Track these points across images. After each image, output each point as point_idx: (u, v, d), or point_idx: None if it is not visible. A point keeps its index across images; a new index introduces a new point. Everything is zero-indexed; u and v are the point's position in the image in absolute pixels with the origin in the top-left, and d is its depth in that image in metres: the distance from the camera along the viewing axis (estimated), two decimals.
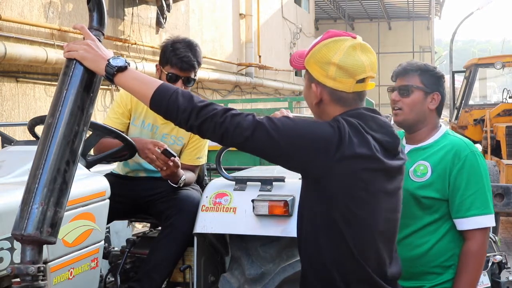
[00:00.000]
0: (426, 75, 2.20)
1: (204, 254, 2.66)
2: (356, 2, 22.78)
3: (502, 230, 7.43)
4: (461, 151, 2.11)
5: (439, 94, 2.20)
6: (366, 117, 1.68)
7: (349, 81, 1.68)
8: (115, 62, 1.69)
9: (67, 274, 2.12)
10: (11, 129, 5.69)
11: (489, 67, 10.03)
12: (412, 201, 2.12)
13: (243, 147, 1.64)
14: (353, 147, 1.59)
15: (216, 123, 1.61)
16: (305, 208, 1.73)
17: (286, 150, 1.60)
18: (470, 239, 2.08)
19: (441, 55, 37.29)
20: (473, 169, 2.10)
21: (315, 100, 1.74)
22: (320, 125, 1.63)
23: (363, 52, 1.71)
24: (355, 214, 1.63)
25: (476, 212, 2.08)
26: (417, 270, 2.14)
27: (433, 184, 2.12)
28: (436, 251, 2.13)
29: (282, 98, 9.68)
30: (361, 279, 1.67)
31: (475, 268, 2.07)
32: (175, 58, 2.77)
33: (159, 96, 1.66)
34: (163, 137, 2.92)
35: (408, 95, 2.19)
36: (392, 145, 1.70)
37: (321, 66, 1.70)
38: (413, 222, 2.14)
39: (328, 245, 1.66)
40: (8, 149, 2.51)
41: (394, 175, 1.71)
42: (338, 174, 1.60)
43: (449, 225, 2.14)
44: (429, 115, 2.21)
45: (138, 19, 8.91)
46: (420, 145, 2.21)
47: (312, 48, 1.74)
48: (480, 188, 2.09)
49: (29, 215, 1.53)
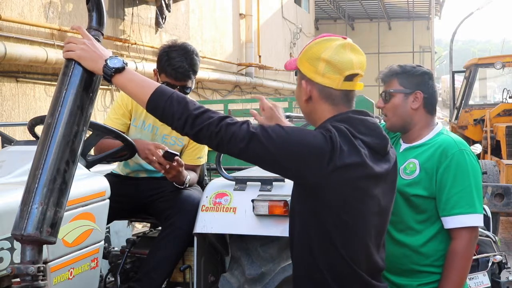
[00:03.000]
0: (404, 77, 2.22)
1: (204, 254, 2.66)
2: (356, 2, 22.77)
3: (502, 230, 7.43)
4: (449, 149, 2.12)
5: (421, 93, 2.20)
6: (354, 121, 1.71)
7: (337, 77, 1.71)
8: (113, 63, 1.69)
9: (67, 274, 2.12)
10: (11, 129, 5.69)
11: (489, 67, 10.03)
12: (402, 199, 2.14)
13: (238, 156, 1.66)
14: (344, 157, 1.61)
15: (211, 133, 1.62)
16: (295, 213, 1.76)
17: (280, 160, 1.62)
18: (456, 238, 2.08)
19: (441, 55, 37.28)
20: (460, 167, 2.09)
21: (304, 97, 1.78)
22: (313, 135, 1.65)
23: (352, 51, 1.75)
24: (347, 221, 1.66)
25: (460, 211, 2.07)
26: (408, 267, 2.15)
27: (420, 181, 2.13)
28: (427, 250, 2.13)
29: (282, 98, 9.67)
30: (353, 281, 1.70)
31: (461, 268, 2.05)
32: (169, 68, 2.73)
33: (155, 101, 1.66)
34: (164, 138, 2.92)
35: (389, 100, 2.23)
36: (381, 146, 1.73)
37: (311, 62, 1.74)
38: (403, 220, 2.15)
39: (319, 250, 1.69)
40: (8, 149, 2.51)
41: (384, 178, 1.74)
42: (331, 184, 1.62)
43: (439, 225, 2.13)
44: (415, 115, 2.22)
45: (138, 19, 8.90)
46: (413, 144, 2.23)
47: (304, 48, 1.81)
48: (467, 187, 2.08)
49: (29, 215, 1.53)
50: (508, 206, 5.70)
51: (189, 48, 2.82)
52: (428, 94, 2.22)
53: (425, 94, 2.21)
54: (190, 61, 2.76)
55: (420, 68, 2.26)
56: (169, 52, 2.77)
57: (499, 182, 6.78)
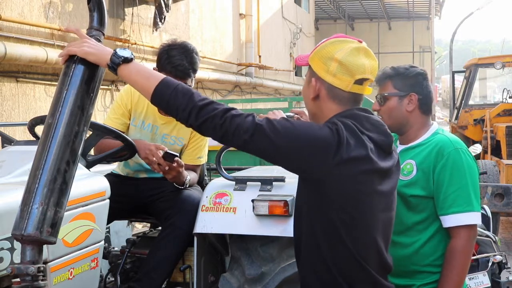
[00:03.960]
0: (397, 79, 2.22)
1: (204, 254, 2.66)
2: (356, 2, 22.78)
3: (502, 230, 7.43)
4: (444, 148, 2.12)
5: (415, 94, 2.20)
6: (360, 117, 1.71)
7: (348, 79, 1.71)
8: (122, 53, 1.69)
9: (67, 274, 2.12)
10: (11, 129, 5.69)
11: (489, 67, 10.05)
12: (400, 200, 2.13)
13: (243, 148, 1.64)
14: (351, 150, 1.60)
15: (216, 125, 1.61)
16: (302, 211, 1.74)
17: (286, 153, 1.61)
18: (454, 236, 2.08)
19: (441, 55, 37.29)
20: (456, 166, 2.10)
21: (312, 95, 1.77)
22: (319, 127, 1.64)
23: (366, 56, 1.75)
24: (353, 217, 1.65)
25: (458, 209, 2.08)
26: (408, 269, 2.15)
27: (418, 181, 2.14)
28: (426, 250, 2.14)
29: (282, 98, 9.66)
30: (363, 280, 1.68)
31: (460, 267, 2.06)
32: (169, 66, 2.72)
33: (160, 93, 1.66)
34: (163, 137, 2.92)
35: (384, 103, 2.23)
36: (387, 143, 1.73)
37: (323, 61, 1.73)
38: (402, 221, 2.15)
39: (328, 248, 1.67)
40: (8, 149, 2.51)
41: (389, 175, 1.73)
42: (336, 177, 1.61)
43: (438, 224, 2.14)
44: (411, 117, 2.22)
45: (138, 19, 8.90)
46: (410, 145, 2.24)
47: (318, 46, 1.79)
48: (463, 185, 2.09)
49: (29, 215, 1.53)
50: (508, 206, 5.70)
51: (189, 46, 2.81)
52: (422, 95, 2.21)
53: (419, 96, 2.20)
54: (190, 59, 2.75)
55: (414, 69, 2.25)
56: (169, 51, 2.76)
57: (499, 182, 6.78)
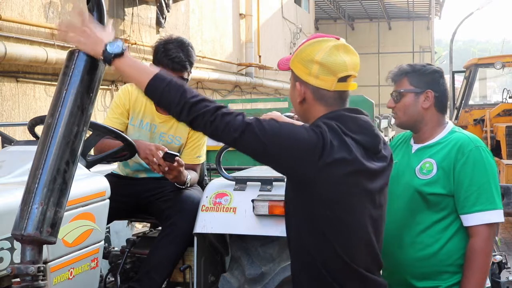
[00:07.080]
0: (414, 76, 2.20)
1: (204, 254, 2.66)
2: (356, 2, 22.76)
3: (502, 230, 7.43)
4: (465, 146, 2.10)
5: (432, 92, 2.18)
6: (346, 118, 1.72)
7: (331, 79, 1.72)
8: (112, 49, 1.70)
9: (67, 274, 2.12)
10: (11, 129, 5.69)
11: (489, 67, 10.04)
12: (420, 199, 2.13)
13: (233, 146, 1.67)
14: (334, 152, 1.62)
15: (206, 122, 1.64)
16: (290, 210, 1.78)
17: (273, 153, 1.64)
18: (474, 235, 2.06)
19: (441, 55, 37.25)
20: (477, 164, 2.08)
21: (298, 99, 1.79)
22: (306, 130, 1.66)
23: (346, 53, 1.75)
24: (339, 217, 1.67)
25: (481, 208, 2.06)
26: (431, 270, 2.12)
27: (438, 180, 2.11)
28: (448, 249, 2.11)
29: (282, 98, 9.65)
30: (349, 276, 1.71)
31: (482, 266, 2.05)
32: (166, 59, 2.76)
33: (153, 86, 1.68)
34: (161, 135, 2.93)
35: (400, 99, 2.22)
36: (372, 144, 1.73)
37: (304, 64, 1.75)
38: (422, 221, 2.14)
39: (315, 247, 1.71)
40: (8, 149, 2.51)
41: (377, 174, 1.74)
42: (322, 179, 1.63)
43: (459, 223, 2.12)
44: (427, 114, 2.20)
45: (138, 19, 8.90)
46: (427, 144, 2.21)
47: (297, 49, 1.80)
48: (485, 183, 2.07)
49: (29, 215, 1.53)
50: (508, 206, 5.68)
51: (185, 40, 2.88)
52: (439, 93, 2.20)
53: (436, 93, 2.19)
54: (186, 52, 2.80)
55: (430, 66, 2.24)
56: (165, 45, 2.81)
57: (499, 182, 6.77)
